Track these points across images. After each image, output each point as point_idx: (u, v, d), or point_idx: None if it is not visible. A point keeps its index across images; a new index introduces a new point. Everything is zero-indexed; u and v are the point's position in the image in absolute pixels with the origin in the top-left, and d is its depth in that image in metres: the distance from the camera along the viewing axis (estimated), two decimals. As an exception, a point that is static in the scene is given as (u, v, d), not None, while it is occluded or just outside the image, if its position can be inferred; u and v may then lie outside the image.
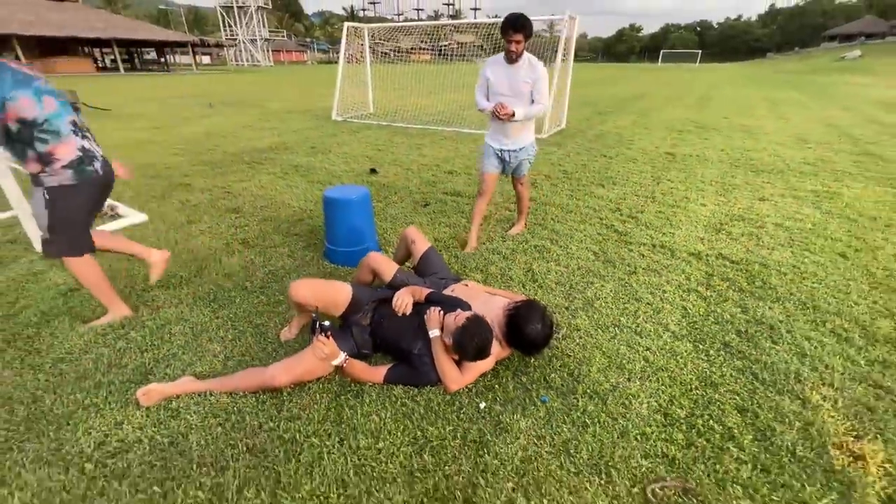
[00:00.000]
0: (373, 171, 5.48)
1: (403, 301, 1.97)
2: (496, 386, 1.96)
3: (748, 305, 2.63)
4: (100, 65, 34.71)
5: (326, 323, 1.75)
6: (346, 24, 9.54)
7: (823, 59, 38.63)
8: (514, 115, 2.94)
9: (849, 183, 5.08)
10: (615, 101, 14.03)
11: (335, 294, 2.06)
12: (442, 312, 1.96)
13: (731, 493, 1.52)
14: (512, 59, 2.93)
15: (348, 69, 10.09)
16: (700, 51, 70.90)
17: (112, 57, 34.52)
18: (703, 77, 28.32)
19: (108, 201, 4.10)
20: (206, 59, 53.66)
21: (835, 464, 1.63)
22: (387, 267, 2.24)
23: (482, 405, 1.86)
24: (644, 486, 1.53)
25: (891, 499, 1.52)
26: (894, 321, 2.49)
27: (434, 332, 1.94)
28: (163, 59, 38.35)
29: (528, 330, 1.90)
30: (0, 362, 2.12)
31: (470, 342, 1.80)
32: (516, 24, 2.79)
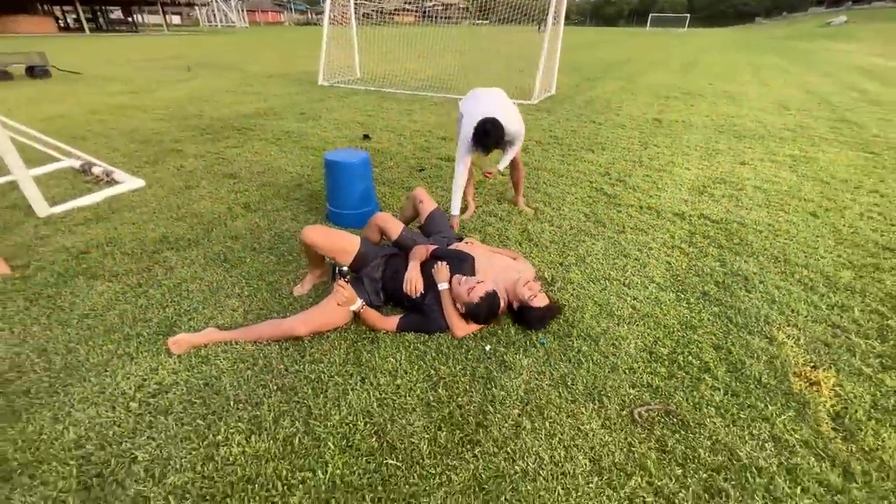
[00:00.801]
0: (366, 136, 5.49)
1: (413, 283, 2.09)
2: (499, 331, 2.15)
3: (726, 260, 2.85)
4: (62, 24, 32.57)
5: (345, 269, 1.90)
6: (330, -18, 9.19)
7: (810, 25, 38.57)
8: (499, 171, 3.22)
9: (825, 148, 5.32)
10: (603, 65, 13.96)
11: (344, 242, 2.19)
12: (448, 266, 2.12)
13: (706, 413, 1.76)
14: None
15: (332, 31, 9.79)
16: (688, 15, 69.82)
17: (74, 16, 32.40)
18: (692, 41, 28.11)
19: (104, 166, 4.08)
20: (176, 20, 50.74)
21: (794, 388, 1.88)
22: (393, 225, 2.37)
23: (487, 348, 2.05)
24: (631, 410, 1.75)
25: (838, 414, 1.78)
26: (854, 272, 2.75)
27: (443, 285, 2.11)
28: (130, 19, 36.17)
29: (535, 326, 2.11)
30: (27, 318, 2.22)
31: (484, 314, 2.02)
32: (488, 146, 2.76)
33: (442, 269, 2.11)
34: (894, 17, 33.44)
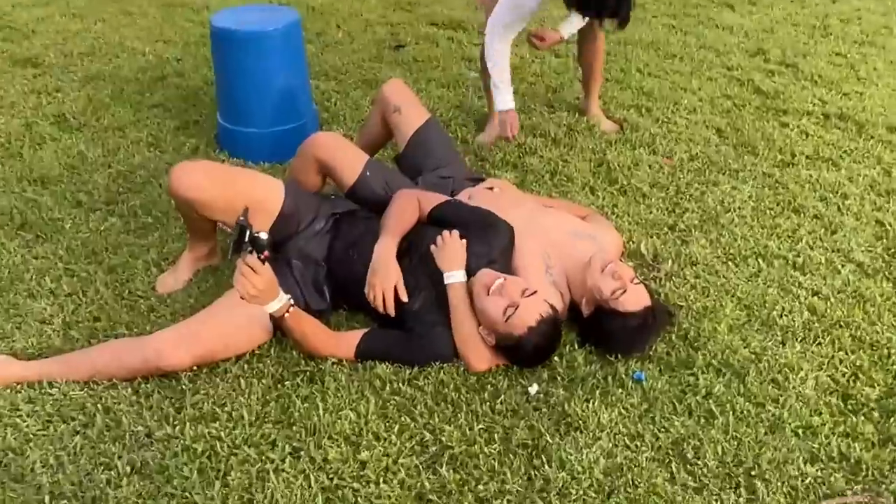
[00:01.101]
0: None
1: (384, 288, 1.21)
2: (555, 358, 1.28)
3: None
4: None
5: (264, 235, 1.04)
6: None
7: None
8: (562, 38, 2.07)
9: None
10: None
11: (255, 189, 1.30)
12: (464, 239, 1.25)
13: None
14: None
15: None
16: None
17: None
18: None
19: None
20: None
21: None
22: (347, 157, 1.43)
23: (532, 389, 1.21)
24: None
25: None
26: None
27: (454, 276, 1.24)
28: None
29: (623, 347, 1.27)
30: None
31: (533, 355, 1.21)
32: (607, 6, 1.67)
33: (453, 246, 1.25)
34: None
